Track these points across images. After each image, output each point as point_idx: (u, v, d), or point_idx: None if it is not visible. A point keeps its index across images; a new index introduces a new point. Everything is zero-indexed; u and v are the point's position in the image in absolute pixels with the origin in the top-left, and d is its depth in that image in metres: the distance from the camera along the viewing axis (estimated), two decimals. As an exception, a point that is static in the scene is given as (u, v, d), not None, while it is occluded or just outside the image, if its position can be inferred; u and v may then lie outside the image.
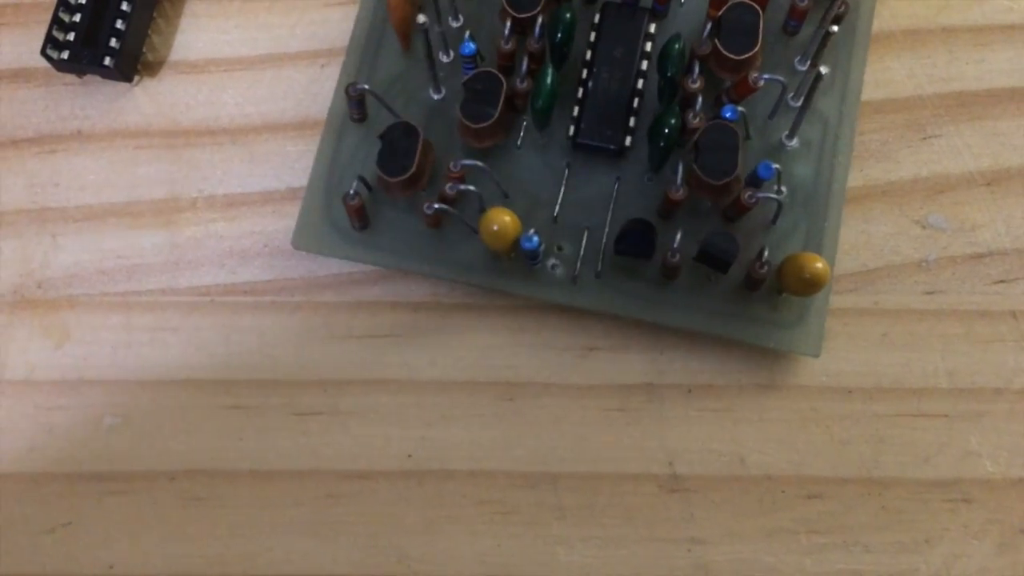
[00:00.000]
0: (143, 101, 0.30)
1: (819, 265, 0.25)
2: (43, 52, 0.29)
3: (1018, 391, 0.27)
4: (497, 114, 0.26)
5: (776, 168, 0.26)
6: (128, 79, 0.30)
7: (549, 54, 0.27)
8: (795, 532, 0.26)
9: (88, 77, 0.30)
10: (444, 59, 0.28)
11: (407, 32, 0.28)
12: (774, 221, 0.27)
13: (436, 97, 0.28)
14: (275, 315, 0.28)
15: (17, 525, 0.27)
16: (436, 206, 0.26)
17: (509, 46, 0.27)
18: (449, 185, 0.26)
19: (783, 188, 0.28)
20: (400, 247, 0.27)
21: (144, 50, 0.30)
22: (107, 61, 0.29)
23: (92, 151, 0.29)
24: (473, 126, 0.26)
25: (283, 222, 0.29)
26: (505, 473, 0.27)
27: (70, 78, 0.30)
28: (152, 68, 0.30)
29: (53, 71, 0.30)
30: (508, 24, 0.27)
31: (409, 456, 0.27)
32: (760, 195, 0.26)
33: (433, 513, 0.27)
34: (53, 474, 0.27)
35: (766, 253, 0.25)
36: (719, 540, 0.26)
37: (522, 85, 0.27)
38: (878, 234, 0.28)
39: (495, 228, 0.25)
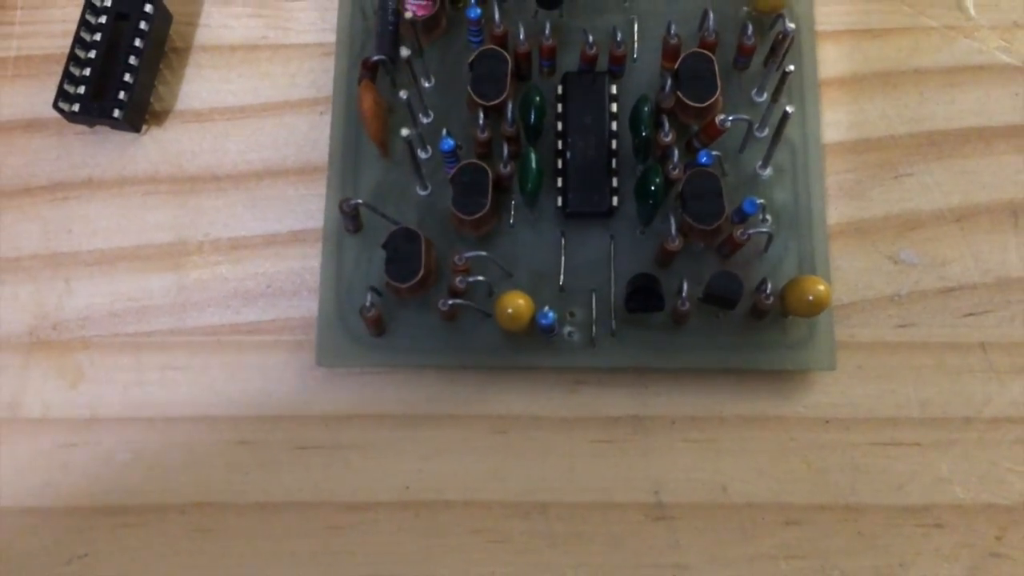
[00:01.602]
0: (151, 149, 0.31)
1: (821, 287, 0.26)
2: (55, 105, 0.30)
3: (987, 420, 0.28)
4: (489, 203, 0.27)
5: (760, 203, 0.27)
6: (136, 129, 0.31)
7: (525, 136, 0.28)
8: (775, 558, 0.27)
9: (98, 127, 0.31)
10: (424, 155, 0.30)
11: (385, 140, 0.29)
12: (766, 249, 0.28)
13: (423, 193, 0.29)
14: (278, 353, 0.29)
15: (36, 557, 0.28)
16: (451, 302, 0.27)
17: (485, 135, 0.28)
18: (459, 279, 0.27)
19: (768, 217, 0.29)
20: (420, 345, 0.28)
21: (152, 100, 0.32)
22: (116, 113, 0.30)
23: (103, 198, 0.31)
24: (468, 218, 0.27)
25: (284, 264, 0.30)
26: (498, 503, 0.28)
27: (81, 128, 0.31)
28: (159, 117, 0.32)
29: (65, 122, 0.31)
30: (480, 114, 0.28)
31: (407, 488, 0.28)
32: (751, 231, 0.27)
33: (430, 542, 0.28)
34: (69, 508, 0.28)
35: (769, 285, 0.27)
36: (703, 566, 0.27)
37: (506, 170, 0.28)
38: (852, 270, 0.29)
39: (510, 312, 0.26)
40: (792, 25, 0.28)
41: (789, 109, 0.26)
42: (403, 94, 0.27)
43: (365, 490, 0.28)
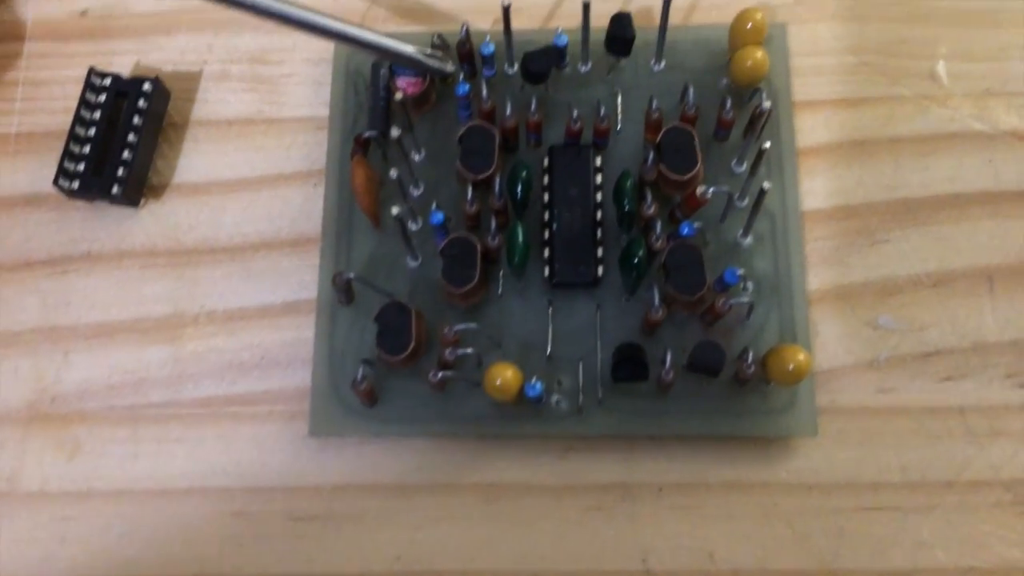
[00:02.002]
0: (148, 223, 0.32)
1: (801, 356, 0.27)
2: (55, 183, 0.31)
3: (966, 484, 0.28)
4: (477, 275, 0.28)
5: (741, 273, 0.28)
6: (134, 203, 0.32)
7: (512, 208, 0.29)
8: (761, 623, 0.28)
9: (97, 202, 0.32)
10: (414, 227, 0.31)
11: (377, 213, 0.30)
12: (748, 317, 0.29)
13: (414, 264, 0.30)
14: (272, 424, 0.30)
15: (34, 631, 0.29)
16: (440, 374, 0.28)
17: (474, 208, 0.29)
18: (448, 351, 0.28)
19: (749, 286, 0.30)
20: (411, 414, 0.29)
21: (150, 174, 0.32)
22: (115, 190, 0.31)
23: (101, 271, 0.32)
24: (458, 290, 0.28)
25: (278, 335, 0.31)
26: (491, 572, 0.28)
27: (80, 203, 0.32)
28: (157, 191, 0.32)
29: (65, 197, 0.32)
30: (469, 187, 0.29)
31: (398, 558, 0.29)
32: (733, 301, 0.28)
33: (422, 611, 0.28)
34: (67, 581, 0.29)
35: (750, 355, 0.27)
36: (691, 631, 0.28)
37: (494, 242, 0.29)
38: (832, 336, 0.30)
39: (498, 383, 0.27)
40: (768, 103, 0.29)
41: (766, 185, 0.27)
42: (393, 173, 0.28)
43: (357, 561, 0.29)
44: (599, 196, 0.30)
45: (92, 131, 0.31)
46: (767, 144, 0.28)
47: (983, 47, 0.33)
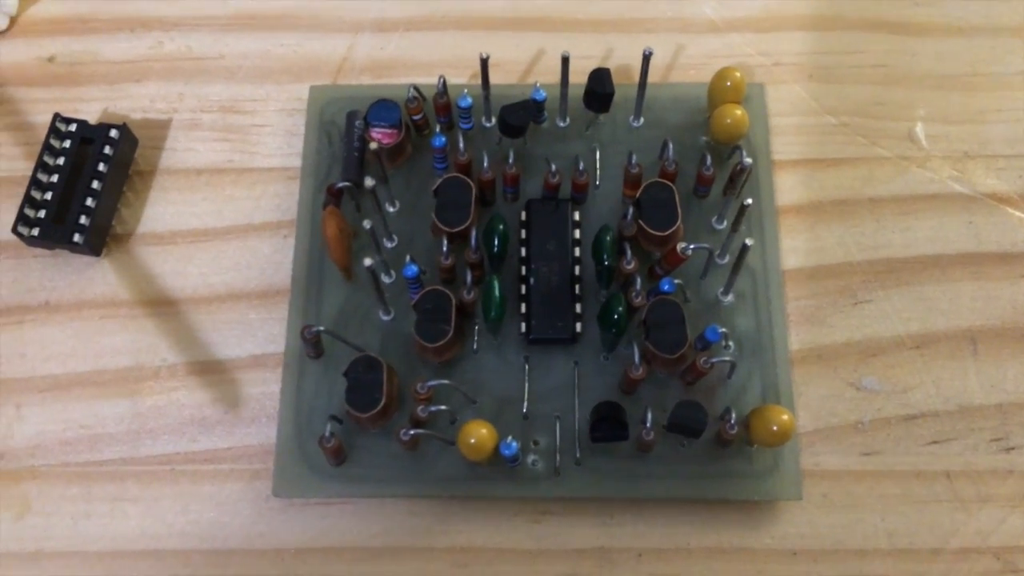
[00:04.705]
0: (110, 272, 0.31)
1: (785, 418, 0.26)
2: (14, 230, 0.30)
3: (954, 551, 0.28)
4: (452, 330, 0.27)
5: (722, 331, 0.27)
6: (96, 253, 0.31)
7: (489, 262, 0.29)
8: None
9: (58, 249, 0.31)
10: (388, 280, 0.30)
11: (348, 265, 0.29)
12: (730, 376, 0.28)
13: (386, 318, 0.29)
14: (233, 483, 0.29)
15: None
16: (412, 432, 0.26)
17: (449, 261, 0.28)
18: (420, 408, 0.27)
19: (731, 344, 0.29)
20: (380, 474, 0.28)
21: (113, 223, 0.31)
22: (76, 238, 0.30)
23: (59, 321, 0.30)
24: (431, 345, 0.27)
25: (243, 389, 0.30)
26: (460, 641, 0.27)
27: (40, 251, 0.31)
28: (121, 240, 0.31)
29: (24, 244, 0.31)
30: (444, 240, 0.28)
31: (364, 626, 0.27)
32: (714, 360, 0.27)
33: None
34: (8, 649, 0.27)
35: (733, 416, 0.27)
36: None
37: (469, 296, 0.28)
38: (815, 396, 0.29)
39: (473, 442, 0.26)
40: (749, 160, 0.28)
41: (748, 242, 0.27)
42: (367, 224, 0.27)
43: (321, 629, 0.27)
44: (577, 251, 0.29)
45: (55, 177, 0.30)
46: (748, 200, 0.27)
47: (961, 110, 0.33)
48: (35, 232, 0.30)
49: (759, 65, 0.33)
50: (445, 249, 0.28)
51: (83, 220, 0.30)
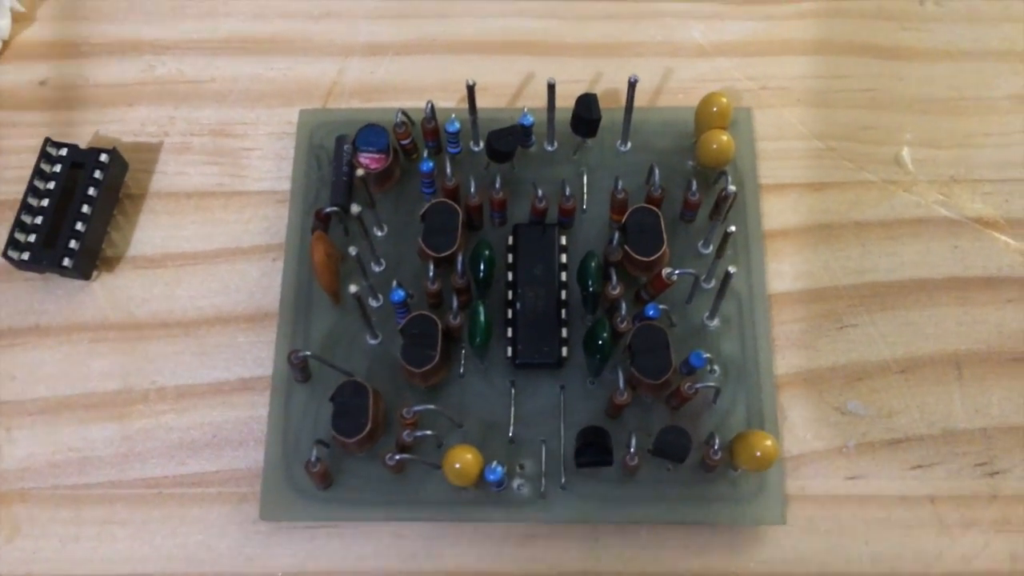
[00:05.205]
0: (100, 296, 0.31)
1: (768, 443, 0.26)
2: (4, 253, 0.30)
3: (939, 576, 0.28)
4: (438, 355, 0.27)
5: (707, 356, 0.27)
6: (86, 277, 0.31)
7: (475, 287, 0.29)
8: None
9: (48, 273, 0.31)
10: (375, 304, 0.30)
11: (336, 290, 0.30)
12: (714, 401, 0.29)
13: (373, 342, 0.30)
14: (221, 506, 0.29)
15: None
16: (398, 457, 0.27)
17: (435, 286, 0.28)
18: (406, 432, 0.27)
19: (716, 369, 0.29)
20: (367, 498, 0.28)
21: (103, 246, 0.32)
22: (66, 262, 0.30)
23: (49, 345, 0.31)
24: (417, 370, 0.27)
25: (231, 413, 0.30)
26: (445, 666, 0.27)
27: (30, 274, 0.31)
28: (110, 263, 0.32)
29: (14, 268, 0.31)
30: (431, 265, 0.28)
31: (350, 651, 0.27)
32: (699, 385, 0.27)
33: None
34: (-5, 673, 0.27)
35: (716, 442, 0.27)
36: None
37: (456, 321, 0.28)
38: (800, 420, 0.29)
39: (458, 467, 0.26)
40: (733, 187, 0.28)
41: (731, 269, 0.27)
42: (353, 250, 0.27)
43: (306, 653, 0.27)
44: (564, 276, 0.29)
45: (45, 201, 0.31)
46: (732, 228, 0.27)
47: (948, 134, 0.33)
48: (25, 256, 0.30)
49: (747, 89, 0.34)
50: (431, 274, 0.28)
51: (73, 244, 0.30)
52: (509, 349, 0.29)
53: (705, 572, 0.28)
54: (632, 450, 0.27)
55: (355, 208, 0.27)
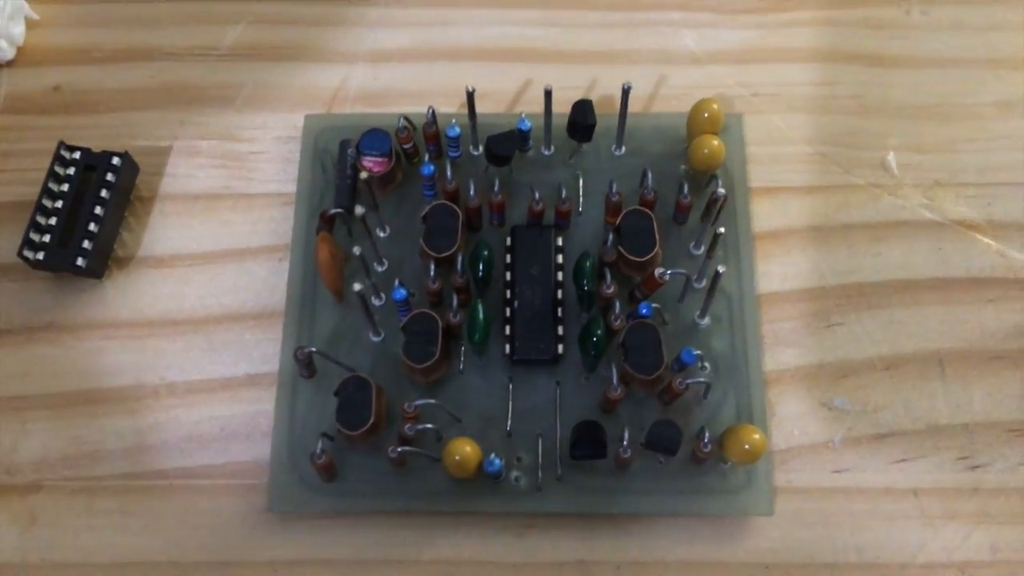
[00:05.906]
0: (112, 295, 0.32)
1: (756, 436, 0.27)
2: (19, 253, 0.31)
3: (922, 566, 0.29)
4: (438, 351, 0.28)
5: (698, 353, 0.28)
6: (99, 276, 0.32)
7: (474, 286, 0.30)
8: None
9: (62, 273, 0.32)
10: (377, 302, 0.31)
11: (340, 289, 0.31)
12: (705, 396, 0.30)
13: (376, 339, 0.31)
14: (229, 497, 0.30)
15: None
16: (400, 449, 0.28)
17: (436, 285, 0.29)
18: (408, 426, 0.28)
19: (707, 365, 0.30)
20: (369, 489, 0.29)
21: (115, 247, 0.33)
22: (80, 262, 0.31)
23: (63, 342, 0.32)
24: (418, 366, 0.28)
25: (239, 407, 0.31)
26: (445, 650, 0.28)
27: (45, 274, 0.32)
28: (122, 263, 0.33)
29: (29, 268, 0.32)
30: (432, 265, 0.29)
31: (353, 636, 0.28)
32: (689, 381, 0.28)
33: None
34: (13, 657, 0.28)
35: (707, 436, 0.28)
36: None
37: (455, 319, 0.29)
38: (788, 416, 0.30)
39: (457, 459, 0.27)
40: (723, 191, 0.29)
41: (721, 269, 0.28)
42: (357, 250, 0.28)
43: (312, 638, 0.28)
44: (560, 275, 0.30)
45: (59, 203, 0.32)
46: (721, 229, 0.29)
47: (933, 139, 0.34)
48: (40, 256, 0.31)
49: (738, 96, 0.35)
50: (432, 273, 0.29)
51: (86, 244, 0.31)
52: (507, 346, 0.30)
53: (695, 561, 0.29)
54: (625, 443, 0.28)
55: (359, 210, 0.29)
